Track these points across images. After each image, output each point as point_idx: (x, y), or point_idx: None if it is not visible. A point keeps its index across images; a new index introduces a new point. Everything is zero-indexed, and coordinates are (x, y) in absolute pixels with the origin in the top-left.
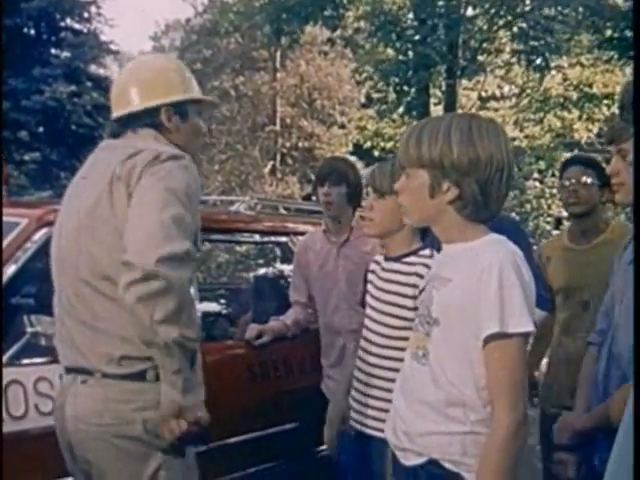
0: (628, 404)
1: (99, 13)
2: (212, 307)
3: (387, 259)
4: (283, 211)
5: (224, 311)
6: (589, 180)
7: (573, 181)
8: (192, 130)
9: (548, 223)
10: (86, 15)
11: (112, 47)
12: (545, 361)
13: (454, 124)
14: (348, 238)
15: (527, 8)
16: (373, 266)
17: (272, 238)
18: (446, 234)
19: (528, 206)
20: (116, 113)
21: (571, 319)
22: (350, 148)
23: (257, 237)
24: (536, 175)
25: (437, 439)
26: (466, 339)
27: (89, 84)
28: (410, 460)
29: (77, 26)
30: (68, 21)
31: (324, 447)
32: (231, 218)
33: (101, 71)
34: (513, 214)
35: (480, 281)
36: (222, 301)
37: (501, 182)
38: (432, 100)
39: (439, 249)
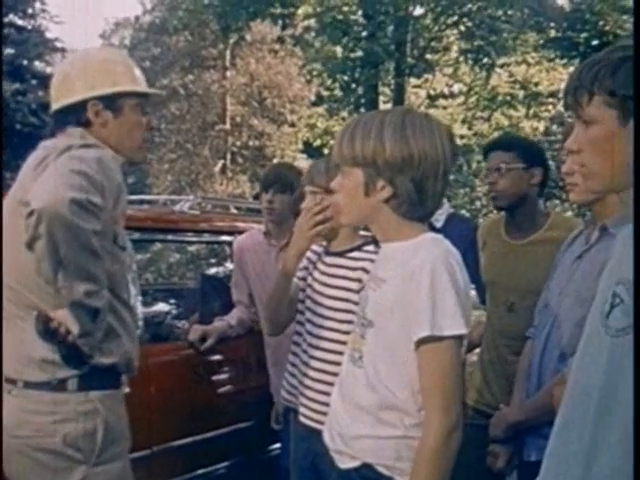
0: (564, 398)
1: (44, 9)
2: (160, 308)
3: (329, 254)
4: (234, 210)
5: (173, 311)
6: (509, 166)
7: (491, 170)
8: (128, 126)
9: None
10: (30, 11)
11: (58, 44)
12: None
13: (387, 120)
14: (288, 242)
15: (473, 7)
16: (311, 255)
17: (223, 237)
18: (383, 233)
19: (478, 203)
20: (52, 109)
21: (495, 320)
22: (300, 146)
23: (207, 237)
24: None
25: (371, 443)
26: (399, 342)
27: (34, 82)
28: (345, 463)
29: (21, 22)
30: (11, 17)
31: (277, 445)
32: (181, 218)
33: (47, 69)
34: (463, 211)
35: (412, 282)
36: (172, 301)
37: (437, 179)
38: (381, 98)
39: None
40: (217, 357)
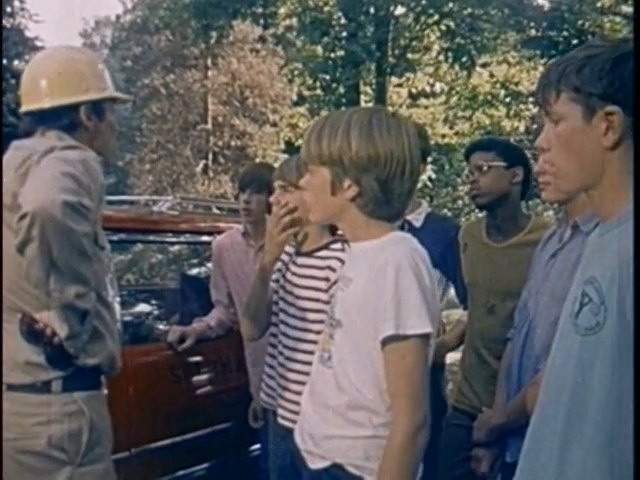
0: (538, 398)
1: (23, 8)
2: (140, 309)
3: (299, 254)
4: (216, 210)
5: (155, 312)
6: (490, 163)
7: (472, 169)
8: (110, 129)
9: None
10: (9, 10)
11: (38, 43)
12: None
13: (354, 119)
14: None
15: (454, 7)
16: (283, 256)
17: (204, 238)
18: (351, 232)
19: (460, 202)
20: (25, 107)
21: (475, 322)
22: (282, 146)
23: (188, 237)
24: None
25: (340, 443)
26: (367, 341)
27: (13, 81)
28: (315, 463)
29: None
30: None
31: (257, 446)
32: (162, 219)
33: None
34: (445, 210)
35: (377, 280)
36: (153, 302)
37: (403, 178)
38: (363, 97)
39: None
40: (196, 358)
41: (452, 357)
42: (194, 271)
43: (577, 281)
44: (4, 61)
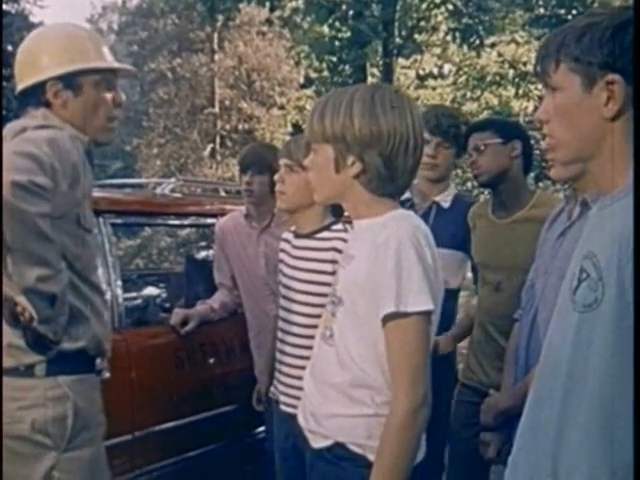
0: (536, 375)
1: None
2: (146, 292)
3: (298, 236)
4: (223, 193)
5: (163, 295)
6: (486, 142)
7: (471, 151)
8: (90, 104)
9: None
10: None
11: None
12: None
13: (356, 96)
14: (269, 224)
15: None
16: (283, 245)
17: (210, 220)
18: (355, 210)
19: (469, 184)
20: (17, 90)
21: (483, 299)
22: (289, 129)
23: (194, 220)
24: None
25: (342, 422)
26: (368, 319)
27: None
28: (318, 442)
29: (4, 6)
30: None
31: (262, 428)
32: (168, 202)
33: None
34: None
35: (378, 257)
36: (161, 286)
37: (407, 154)
38: (370, 79)
39: None
40: (200, 341)
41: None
42: (202, 254)
43: (576, 256)
44: (9, 47)
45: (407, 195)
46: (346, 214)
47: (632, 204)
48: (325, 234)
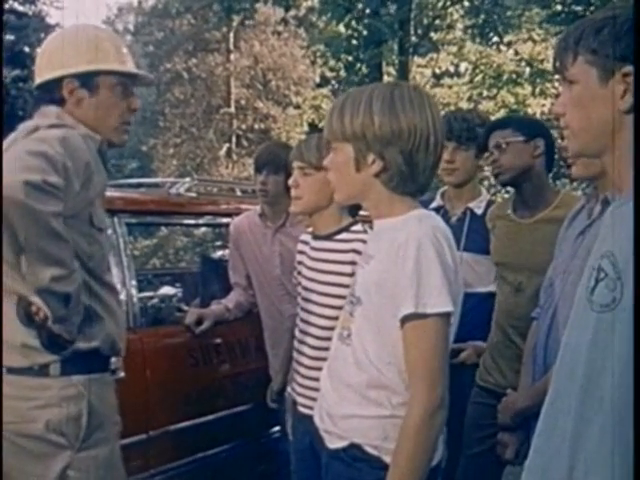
0: (553, 376)
1: None
2: (161, 292)
3: (316, 238)
4: (239, 192)
5: (178, 295)
6: (506, 141)
7: (492, 149)
8: (104, 105)
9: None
10: None
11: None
12: None
13: (375, 94)
14: (284, 224)
15: None
16: (301, 246)
17: (225, 220)
18: (375, 209)
19: (486, 183)
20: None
21: (503, 301)
22: (305, 128)
23: (211, 220)
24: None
25: (358, 423)
26: (386, 319)
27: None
28: (334, 443)
29: (20, 8)
30: (11, 2)
31: (277, 428)
32: (184, 201)
33: None
34: None
35: (397, 258)
36: (176, 285)
37: (427, 152)
38: (386, 78)
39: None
40: (215, 340)
41: None
42: (217, 253)
43: (593, 255)
44: (26, 48)
45: (439, 202)
46: (361, 213)
47: (632, 204)
48: (344, 235)
